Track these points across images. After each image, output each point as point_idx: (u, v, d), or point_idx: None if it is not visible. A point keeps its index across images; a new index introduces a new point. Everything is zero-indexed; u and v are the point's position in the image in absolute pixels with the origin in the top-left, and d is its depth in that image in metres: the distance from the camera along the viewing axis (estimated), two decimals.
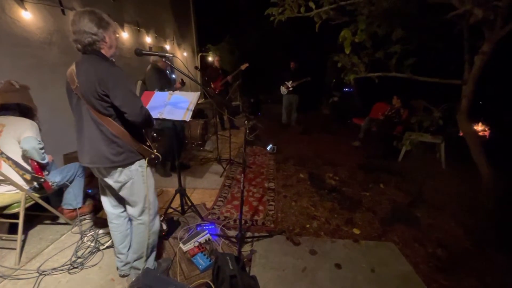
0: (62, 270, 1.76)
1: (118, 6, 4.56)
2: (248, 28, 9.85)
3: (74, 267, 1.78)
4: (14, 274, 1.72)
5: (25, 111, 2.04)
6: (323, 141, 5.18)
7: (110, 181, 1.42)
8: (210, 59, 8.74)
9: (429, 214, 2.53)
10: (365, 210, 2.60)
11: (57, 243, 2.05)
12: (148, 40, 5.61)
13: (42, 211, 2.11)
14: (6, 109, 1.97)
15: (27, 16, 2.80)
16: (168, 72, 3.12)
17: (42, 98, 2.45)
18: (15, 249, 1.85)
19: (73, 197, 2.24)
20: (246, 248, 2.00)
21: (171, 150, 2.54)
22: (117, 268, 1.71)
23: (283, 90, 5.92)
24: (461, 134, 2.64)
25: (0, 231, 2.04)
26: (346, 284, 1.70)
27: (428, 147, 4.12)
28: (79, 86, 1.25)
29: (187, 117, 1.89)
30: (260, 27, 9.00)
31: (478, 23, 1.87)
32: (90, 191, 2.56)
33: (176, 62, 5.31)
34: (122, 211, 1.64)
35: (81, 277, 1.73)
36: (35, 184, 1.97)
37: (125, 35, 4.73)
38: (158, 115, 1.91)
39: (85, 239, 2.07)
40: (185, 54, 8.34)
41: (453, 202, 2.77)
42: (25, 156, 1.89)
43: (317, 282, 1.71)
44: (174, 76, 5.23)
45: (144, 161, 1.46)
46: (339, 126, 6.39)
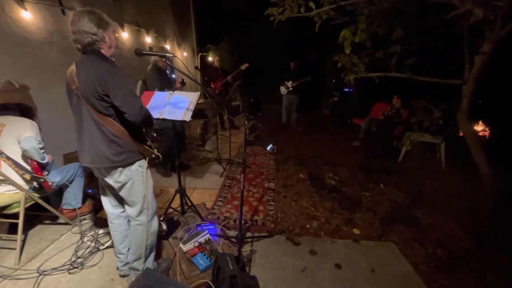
0: (62, 270, 1.76)
1: (118, 6, 4.56)
2: (248, 28, 9.85)
3: (74, 267, 1.78)
4: (14, 274, 1.72)
5: (25, 111, 2.04)
6: (323, 141, 5.18)
7: (110, 181, 1.42)
8: (210, 59, 8.74)
9: (429, 214, 2.53)
10: (365, 210, 2.60)
11: (57, 243, 2.05)
12: (148, 40, 5.62)
13: (42, 211, 2.11)
14: (6, 109, 1.97)
15: (27, 16, 2.80)
16: (168, 72, 3.12)
17: (42, 98, 2.45)
18: (15, 249, 1.85)
19: (73, 197, 2.24)
20: (246, 248, 2.00)
21: (171, 150, 2.55)
22: (117, 268, 1.71)
23: (283, 90, 5.91)
24: (461, 134, 2.64)
25: (0, 231, 2.04)
26: (346, 284, 1.70)
27: (428, 147, 4.12)
28: (79, 86, 1.25)
29: (187, 117, 1.89)
30: (260, 27, 9.00)
31: (479, 23, 1.87)
32: (90, 191, 2.56)
33: (176, 62, 5.31)
34: (122, 211, 1.64)
35: (81, 277, 1.73)
36: (35, 184, 1.96)
37: (125, 35, 4.73)
38: (158, 115, 1.92)
39: (85, 239, 2.07)
40: (185, 54, 8.34)
41: (453, 202, 2.77)
42: (25, 156, 1.89)
43: (317, 282, 1.71)
44: (174, 76, 5.22)
45: (144, 161, 1.46)
46: (339, 126, 6.39)
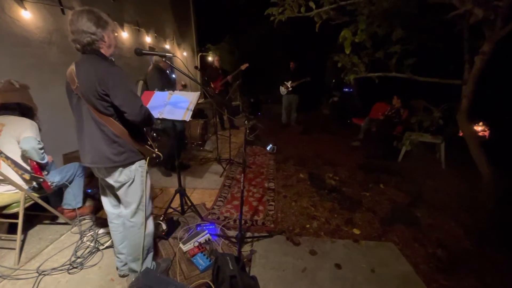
0: (61, 270, 1.76)
1: (118, 6, 4.56)
2: (248, 28, 9.85)
3: (74, 267, 1.78)
4: (14, 274, 1.72)
5: (25, 110, 2.04)
6: (323, 141, 5.17)
7: (111, 180, 1.41)
8: (210, 59, 8.75)
9: (429, 214, 2.53)
10: (365, 210, 2.60)
11: (56, 243, 2.05)
12: (148, 40, 5.62)
13: (42, 211, 2.11)
14: (6, 109, 1.96)
15: (26, 15, 2.80)
16: (168, 72, 3.12)
17: (41, 98, 2.44)
18: (14, 249, 1.85)
19: (72, 197, 2.24)
20: (246, 248, 1.99)
21: (172, 150, 2.55)
22: (117, 268, 1.71)
23: (283, 90, 5.91)
24: (461, 134, 2.64)
25: (0, 231, 2.03)
26: (346, 284, 1.70)
27: (428, 147, 4.12)
28: (79, 86, 1.24)
29: (187, 117, 1.89)
30: (260, 27, 9.00)
31: (479, 23, 1.87)
32: (90, 191, 2.56)
33: (176, 61, 5.31)
34: None
35: (81, 277, 1.72)
36: (34, 184, 1.96)
37: (125, 35, 4.73)
38: (158, 115, 1.91)
39: (85, 239, 2.06)
40: (185, 54, 8.35)
41: (453, 202, 2.77)
42: (25, 156, 1.88)
43: (317, 282, 1.70)
44: (174, 76, 5.22)
45: (144, 161, 1.46)
46: (339, 126, 6.38)
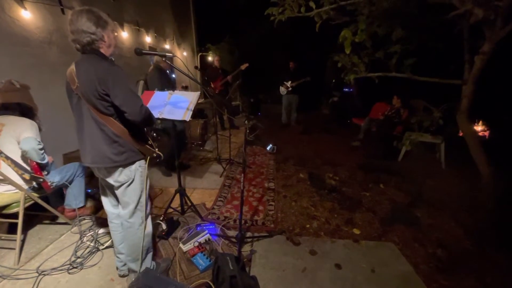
0: (61, 270, 1.76)
1: (118, 6, 4.56)
2: (248, 28, 9.85)
3: (74, 267, 1.78)
4: (13, 274, 1.71)
5: (25, 110, 2.04)
6: (323, 141, 5.17)
7: (111, 180, 1.41)
8: (210, 59, 8.74)
9: (429, 214, 2.53)
10: (365, 210, 2.60)
11: (56, 243, 2.04)
12: (148, 39, 5.61)
13: (42, 211, 2.11)
14: (6, 109, 1.96)
15: (26, 15, 2.80)
16: (168, 72, 3.12)
17: (41, 98, 2.44)
18: (14, 249, 1.84)
19: (73, 197, 2.23)
20: (246, 248, 1.99)
21: (172, 150, 2.55)
22: (117, 268, 1.71)
23: (283, 90, 5.91)
24: (461, 134, 2.64)
25: (0, 231, 2.03)
26: (346, 284, 1.70)
27: (428, 147, 4.12)
28: (79, 86, 1.24)
29: (187, 117, 1.89)
30: (260, 27, 9.00)
31: (479, 23, 1.87)
32: (90, 191, 2.55)
33: (176, 61, 5.31)
34: None
35: (81, 277, 1.72)
36: (34, 184, 1.96)
37: (125, 35, 4.73)
38: (158, 115, 1.91)
39: (85, 239, 2.06)
40: (185, 53, 8.34)
41: (453, 202, 2.77)
42: (25, 156, 1.88)
43: (317, 282, 1.70)
44: (174, 76, 5.23)
45: (144, 161, 1.46)
46: (339, 126, 6.39)
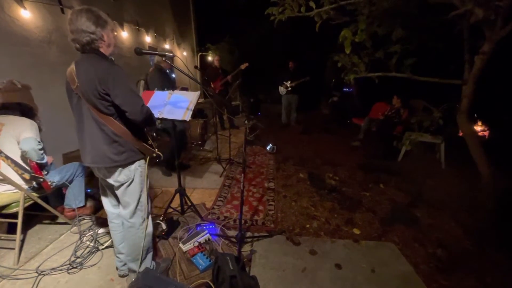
0: (61, 270, 1.75)
1: (118, 6, 4.55)
2: (248, 28, 9.84)
3: (73, 267, 1.77)
4: (13, 274, 1.71)
5: (26, 110, 2.04)
6: (323, 141, 5.17)
7: (111, 180, 1.41)
8: (209, 58, 8.74)
9: (429, 214, 2.53)
10: (365, 210, 2.60)
11: (56, 243, 2.04)
12: (148, 39, 5.61)
13: (41, 210, 2.10)
14: (6, 108, 1.96)
15: (26, 15, 2.79)
16: (168, 71, 3.12)
17: (41, 98, 2.44)
18: (13, 249, 1.84)
19: (73, 197, 2.23)
20: (246, 248, 1.99)
21: (172, 150, 2.55)
22: (117, 268, 1.70)
23: (282, 90, 5.91)
24: (461, 134, 2.64)
25: None
26: (346, 284, 1.69)
27: (428, 147, 4.12)
28: (79, 86, 1.24)
29: (187, 117, 1.88)
30: (260, 27, 9.00)
31: (479, 23, 1.87)
32: (90, 191, 2.55)
33: (176, 61, 5.30)
34: None
35: (80, 277, 1.72)
36: (34, 183, 1.95)
37: (124, 35, 4.72)
38: (158, 115, 1.91)
39: (84, 239, 2.06)
40: (184, 53, 8.34)
41: (453, 202, 2.77)
42: (24, 156, 1.88)
43: (317, 282, 1.70)
44: (174, 76, 5.22)
45: (144, 161, 1.46)
46: (339, 126, 6.39)
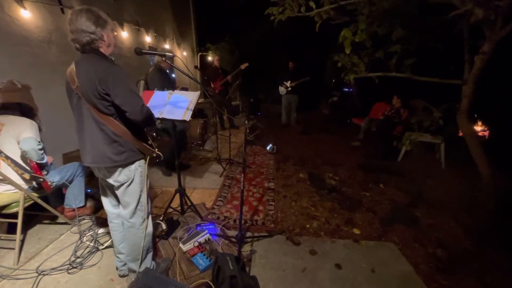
0: (61, 270, 1.75)
1: (118, 5, 4.55)
2: (248, 28, 9.85)
3: (73, 267, 1.77)
4: (13, 274, 1.71)
5: (26, 110, 2.04)
6: (323, 141, 5.17)
7: (111, 180, 1.41)
8: (209, 58, 8.74)
9: (429, 214, 2.53)
10: (365, 210, 2.60)
11: (56, 243, 2.04)
12: (147, 39, 5.60)
13: (41, 210, 2.10)
14: (6, 108, 1.96)
15: (26, 15, 2.79)
16: (168, 71, 3.12)
17: (41, 98, 2.43)
18: (13, 249, 1.84)
19: (73, 197, 2.23)
20: (246, 248, 1.99)
21: (172, 150, 2.55)
22: (117, 268, 1.70)
23: (282, 90, 5.91)
24: (461, 134, 2.64)
25: None
26: (346, 284, 1.69)
27: (428, 147, 4.12)
28: (79, 86, 1.24)
29: (187, 117, 1.88)
30: (260, 27, 9.00)
31: (479, 23, 1.87)
32: (89, 191, 2.55)
33: (176, 61, 5.30)
34: None
35: (80, 277, 1.72)
36: (34, 183, 1.95)
37: (124, 35, 4.72)
38: (158, 115, 1.91)
39: (84, 239, 2.06)
40: (184, 53, 8.34)
41: (453, 202, 2.77)
42: (24, 156, 1.88)
43: (317, 282, 1.70)
44: (174, 76, 5.22)
45: (144, 161, 1.46)
46: (339, 126, 6.39)
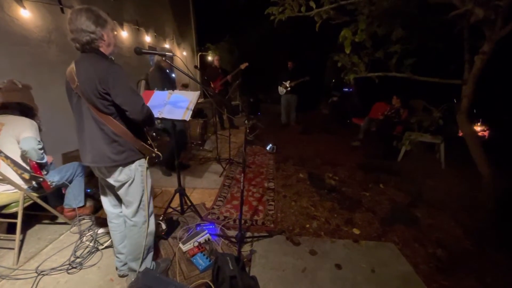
0: (60, 270, 1.75)
1: (118, 5, 4.54)
2: (248, 28, 9.84)
3: (73, 267, 1.77)
4: (12, 274, 1.71)
5: (26, 110, 2.03)
6: (322, 141, 5.17)
7: (111, 180, 1.41)
8: (209, 58, 8.73)
9: (429, 214, 2.53)
10: (365, 210, 2.60)
11: (55, 243, 2.04)
12: (147, 39, 5.60)
13: (41, 210, 2.10)
14: (6, 108, 1.96)
15: (25, 14, 2.78)
16: (168, 71, 3.11)
17: (41, 97, 2.43)
18: (13, 249, 1.84)
19: (73, 197, 2.23)
20: (246, 248, 1.99)
21: (172, 150, 2.55)
22: (116, 268, 1.70)
23: (281, 90, 5.91)
24: (461, 134, 2.64)
25: None
26: (346, 284, 1.69)
27: (428, 147, 4.12)
28: (79, 85, 1.24)
29: (187, 117, 1.88)
30: (260, 27, 9.00)
31: (479, 22, 1.87)
32: (89, 191, 2.55)
33: (176, 61, 5.30)
34: (122, 211, 1.62)
35: (80, 277, 1.72)
36: (34, 183, 1.95)
37: (124, 34, 4.72)
38: (158, 114, 1.91)
39: (84, 239, 2.06)
40: (184, 53, 8.33)
41: (453, 202, 2.77)
42: (24, 156, 1.88)
43: (317, 282, 1.70)
44: (174, 75, 5.22)
45: (144, 160, 1.46)
46: (338, 126, 6.39)
